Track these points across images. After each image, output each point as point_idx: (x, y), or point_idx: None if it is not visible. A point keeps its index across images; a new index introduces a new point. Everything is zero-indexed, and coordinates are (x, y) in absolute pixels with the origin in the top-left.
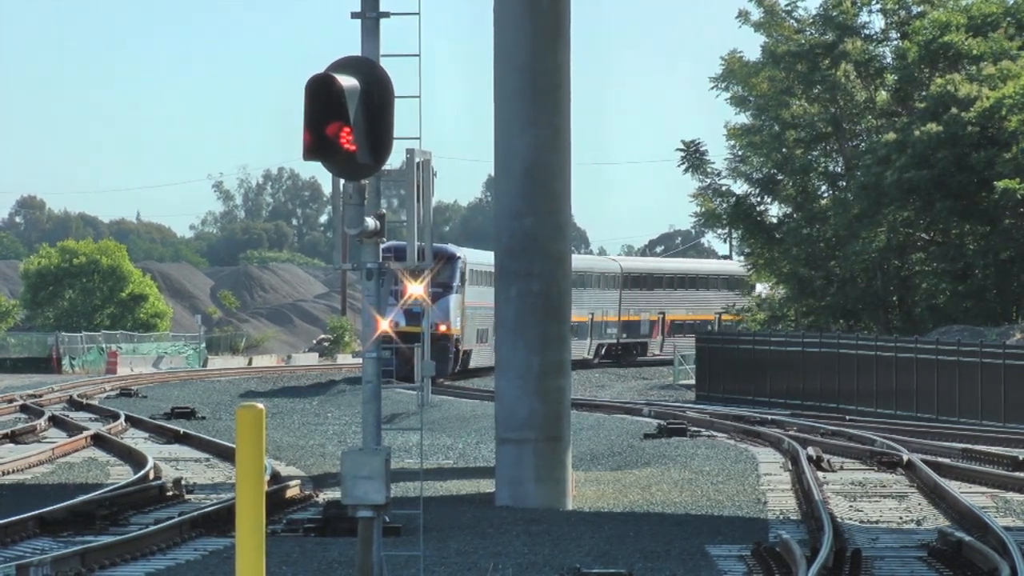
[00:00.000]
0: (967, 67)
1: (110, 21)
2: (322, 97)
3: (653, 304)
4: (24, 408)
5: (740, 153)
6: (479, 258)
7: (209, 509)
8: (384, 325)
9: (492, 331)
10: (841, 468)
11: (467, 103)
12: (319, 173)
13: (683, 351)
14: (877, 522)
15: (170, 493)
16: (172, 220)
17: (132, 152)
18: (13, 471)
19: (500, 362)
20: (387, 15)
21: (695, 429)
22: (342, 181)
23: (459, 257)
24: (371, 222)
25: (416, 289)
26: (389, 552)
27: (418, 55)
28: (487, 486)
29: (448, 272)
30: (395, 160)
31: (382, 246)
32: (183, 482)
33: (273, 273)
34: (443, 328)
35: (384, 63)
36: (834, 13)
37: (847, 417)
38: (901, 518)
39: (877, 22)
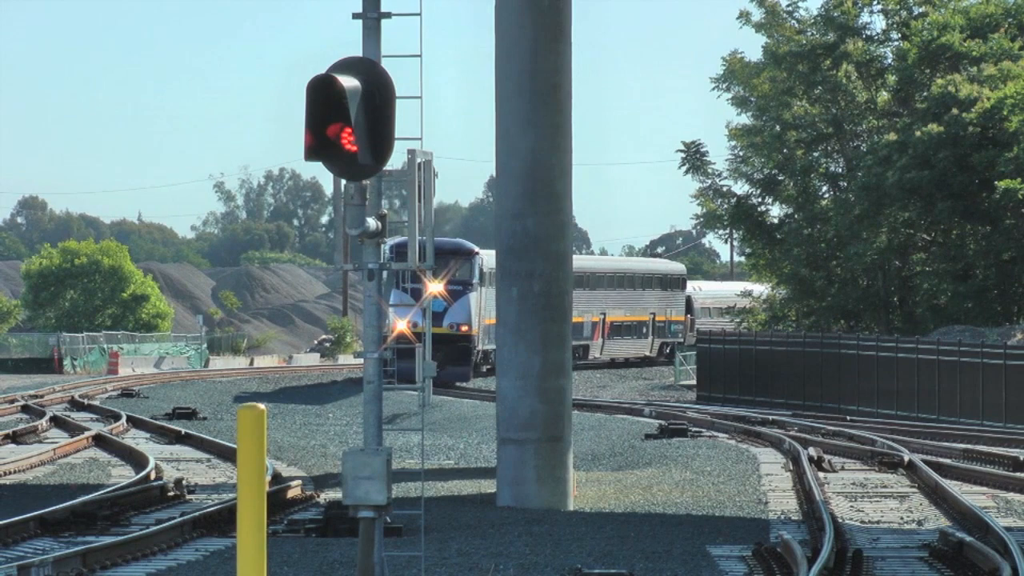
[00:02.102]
0: (967, 68)
1: (111, 21)
2: (323, 98)
3: (595, 305)
4: (25, 408)
5: (741, 154)
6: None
7: (210, 509)
8: (401, 325)
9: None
10: (842, 468)
11: (468, 103)
12: (320, 174)
13: (618, 355)
14: (878, 522)
15: (171, 493)
16: (173, 220)
17: (133, 153)
18: (14, 471)
19: (501, 362)
20: (388, 16)
21: (696, 429)
22: (343, 182)
23: (478, 253)
24: (372, 223)
25: (435, 287)
26: (390, 553)
27: (419, 56)
28: (488, 486)
29: (467, 269)
30: (396, 161)
31: (388, 243)
32: (184, 482)
33: (274, 274)
34: (464, 328)
35: (385, 64)
36: (835, 14)
37: (848, 417)
38: (902, 518)
39: (878, 23)
